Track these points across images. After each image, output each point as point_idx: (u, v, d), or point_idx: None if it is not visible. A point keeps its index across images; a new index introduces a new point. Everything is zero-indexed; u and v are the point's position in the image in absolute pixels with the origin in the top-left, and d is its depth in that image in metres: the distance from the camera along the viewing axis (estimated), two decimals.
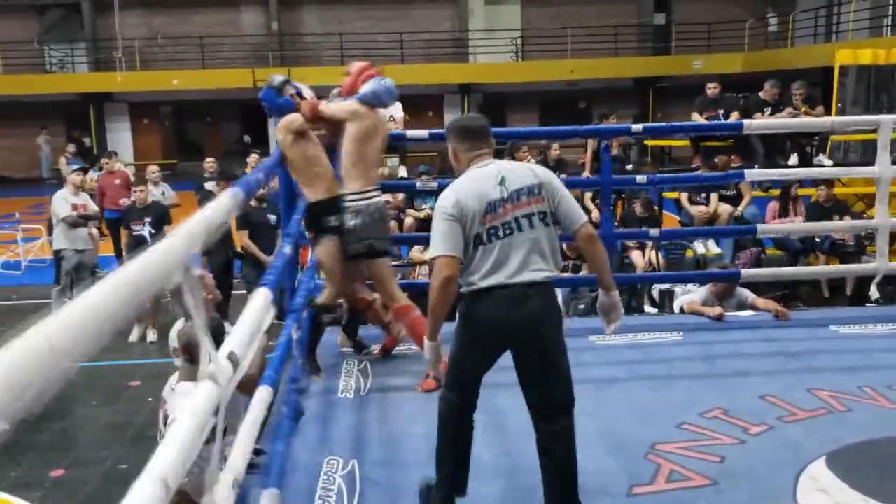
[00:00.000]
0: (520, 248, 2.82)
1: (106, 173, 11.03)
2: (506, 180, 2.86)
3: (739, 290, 5.74)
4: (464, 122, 3.16)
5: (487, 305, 2.82)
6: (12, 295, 10.55)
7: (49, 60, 25.23)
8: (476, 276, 2.82)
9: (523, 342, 2.87)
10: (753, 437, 3.61)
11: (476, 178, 2.90)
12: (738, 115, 9.58)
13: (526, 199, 2.86)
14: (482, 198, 2.83)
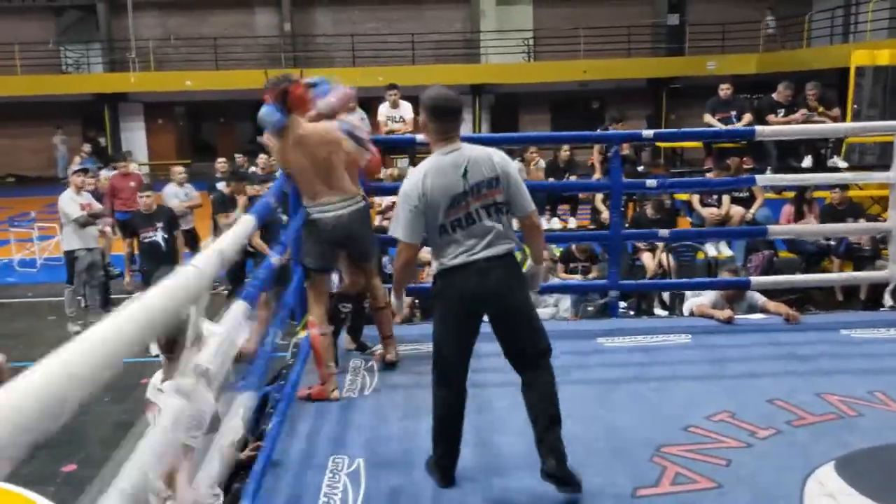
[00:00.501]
0: (480, 233, 3.10)
1: (120, 175, 10.88)
2: (468, 172, 3.09)
3: (750, 293, 5.71)
4: (439, 102, 3.19)
5: (456, 280, 3.11)
6: (28, 292, 10.66)
7: (65, 61, 25.42)
8: (443, 258, 3.12)
9: (493, 308, 3.15)
10: (761, 441, 3.59)
11: (443, 169, 3.11)
12: (750, 116, 9.54)
13: (486, 190, 3.11)
14: (447, 192, 3.07)
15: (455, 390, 3.22)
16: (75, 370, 0.90)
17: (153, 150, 25.62)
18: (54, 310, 9.60)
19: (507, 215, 3.18)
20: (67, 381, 0.87)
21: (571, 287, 7.11)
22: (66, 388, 0.86)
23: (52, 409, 0.82)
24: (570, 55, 23.79)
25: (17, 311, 9.65)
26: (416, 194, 3.09)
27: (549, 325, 4.37)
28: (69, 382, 0.87)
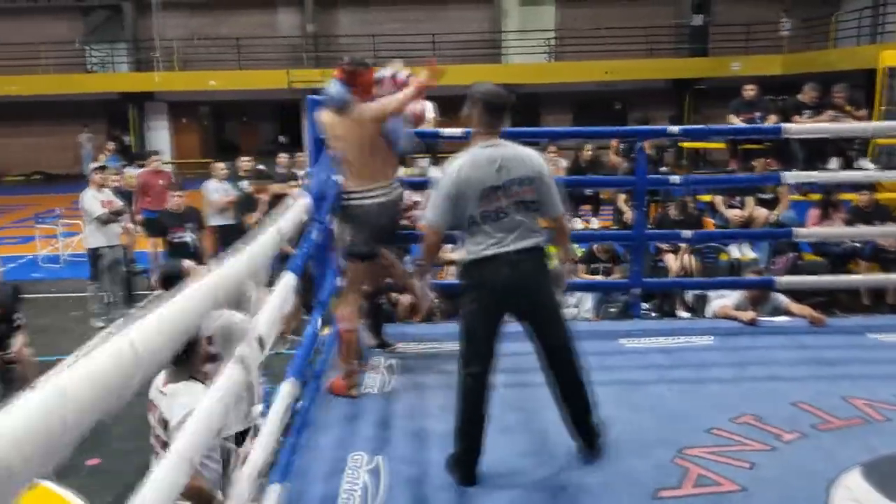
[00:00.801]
0: (510, 227, 3.20)
1: (150, 172, 10.84)
2: (503, 169, 3.18)
3: (774, 294, 5.65)
4: (490, 97, 3.30)
5: (486, 271, 3.20)
6: (52, 288, 10.77)
7: (90, 60, 25.69)
8: (473, 247, 3.21)
9: (522, 300, 3.24)
10: (785, 445, 3.54)
11: (480, 162, 3.20)
12: (775, 117, 9.45)
13: (518, 188, 3.20)
14: (481, 184, 3.17)
15: (481, 383, 3.24)
16: (142, 346, 0.90)
17: (178, 148, 25.84)
18: (78, 305, 9.70)
19: (536, 213, 3.28)
20: (132, 361, 0.88)
21: (594, 286, 7.07)
22: (132, 364, 0.87)
23: (120, 385, 0.83)
24: (593, 55, 23.68)
25: (41, 306, 9.74)
26: (450, 182, 3.20)
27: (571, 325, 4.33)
28: (133, 362, 0.88)
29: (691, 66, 23.81)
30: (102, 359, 0.84)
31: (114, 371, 0.85)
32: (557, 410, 3.37)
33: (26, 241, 13.47)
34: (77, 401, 0.76)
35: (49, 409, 0.73)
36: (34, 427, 0.70)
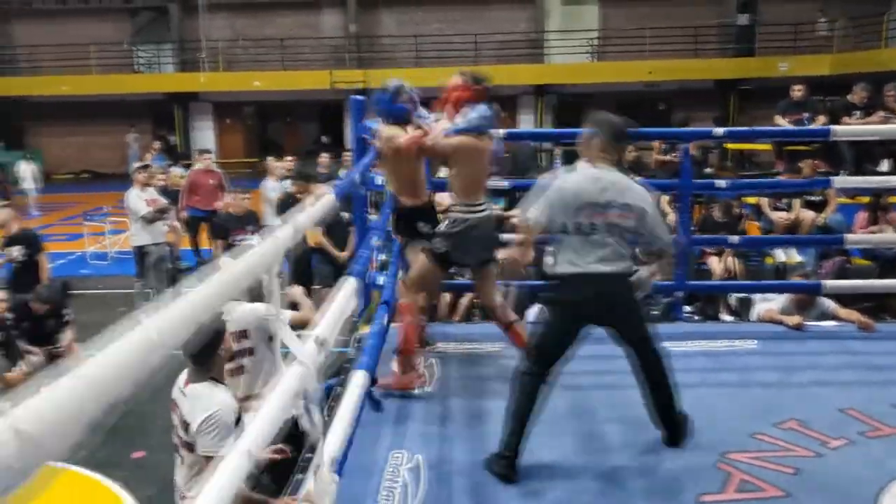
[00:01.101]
0: (597, 244, 3.32)
1: (201, 171, 10.78)
2: (606, 190, 3.33)
3: (821, 299, 5.55)
4: (622, 127, 3.54)
5: (569, 290, 3.37)
6: (99, 284, 10.99)
7: (137, 61, 26.17)
8: (561, 262, 3.37)
9: (604, 317, 3.43)
10: (832, 451, 3.48)
11: (588, 178, 3.39)
12: (824, 118, 9.28)
13: (616, 212, 3.33)
14: (581, 198, 3.33)
15: (541, 384, 3.39)
16: (162, 334, 0.93)
17: (222, 148, 26.18)
18: (125, 301, 9.88)
19: (630, 242, 3.41)
20: (157, 346, 0.91)
21: None
22: (152, 351, 0.90)
23: (139, 371, 0.86)
24: (637, 55, 23.49)
25: (89, 302, 9.94)
26: (556, 188, 3.39)
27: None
28: (157, 347, 0.91)
29: (737, 66, 23.46)
30: (124, 345, 0.87)
31: (134, 357, 0.88)
32: (644, 403, 3.55)
33: (75, 238, 13.76)
34: (97, 384, 0.80)
35: (71, 390, 0.76)
36: (57, 406, 0.73)
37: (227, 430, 3.14)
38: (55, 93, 24.11)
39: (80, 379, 0.77)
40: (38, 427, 0.69)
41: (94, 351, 0.84)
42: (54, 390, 0.75)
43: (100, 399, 0.78)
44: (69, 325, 7.09)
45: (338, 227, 8.05)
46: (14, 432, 0.68)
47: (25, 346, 6.60)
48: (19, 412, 0.69)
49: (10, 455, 0.67)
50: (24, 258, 7.43)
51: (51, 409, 0.71)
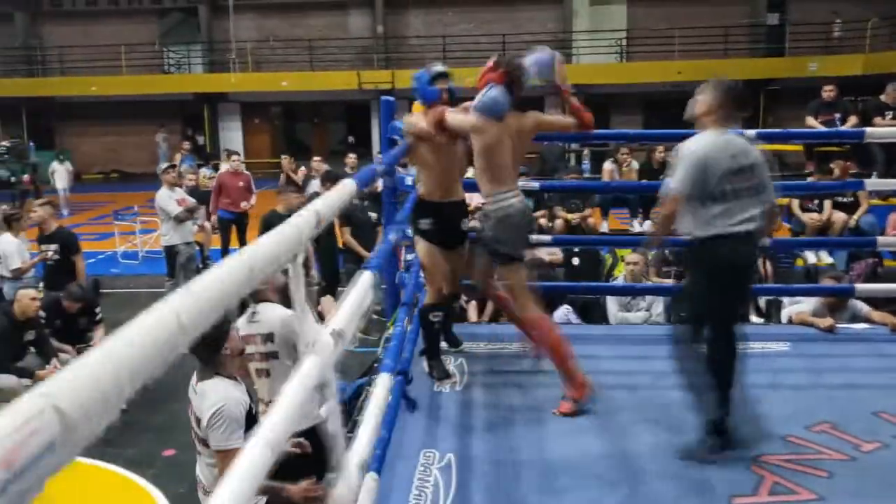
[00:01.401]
0: (740, 207, 3.49)
1: (229, 173, 10.88)
2: (737, 155, 3.50)
3: (853, 301, 5.49)
4: (741, 93, 3.67)
5: (725, 247, 3.49)
6: (130, 283, 11.12)
7: (167, 62, 26.45)
8: (712, 224, 3.48)
9: (749, 277, 3.78)
10: (865, 455, 3.45)
11: (719, 144, 3.51)
12: (856, 119, 9.18)
13: (747, 174, 3.51)
14: (721, 165, 3.46)
15: (734, 341, 3.55)
16: (186, 317, 0.95)
17: (249, 148, 26.39)
18: (155, 300, 9.97)
19: (756, 199, 3.54)
20: (178, 329, 0.93)
21: (667, 290, 6.96)
22: (174, 335, 0.92)
23: (160, 355, 0.88)
24: (665, 56, 23.34)
25: (120, 300, 10.07)
26: (696, 158, 3.48)
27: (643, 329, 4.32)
28: (178, 330, 0.93)
29: (767, 66, 23.23)
30: (152, 326, 0.90)
31: (162, 338, 0.90)
32: None
33: (105, 237, 13.94)
34: (129, 364, 0.81)
35: (105, 370, 0.78)
36: (93, 386, 0.75)
37: (236, 423, 3.18)
38: (85, 93, 24.45)
39: (113, 358, 0.79)
40: (77, 407, 0.69)
41: (124, 329, 0.86)
42: (88, 369, 0.76)
43: (133, 379, 0.80)
44: (101, 324, 7.19)
45: (366, 227, 8.09)
46: (56, 411, 0.68)
47: (58, 345, 6.70)
48: (58, 391, 0.70)
49: (56, 434, 0.68)
50: (59, 257, 7.54)
51: (87, 389, 0.72)
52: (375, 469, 2.50)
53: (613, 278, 7.62)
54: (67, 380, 0.73)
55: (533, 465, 3.38)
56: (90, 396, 0.73)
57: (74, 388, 0.72)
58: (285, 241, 1.49)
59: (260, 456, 1.15)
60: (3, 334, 6.28)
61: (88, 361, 0.76)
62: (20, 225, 8.12)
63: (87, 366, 0.76)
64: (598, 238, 8.06)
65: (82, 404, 0.71)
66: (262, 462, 1.15)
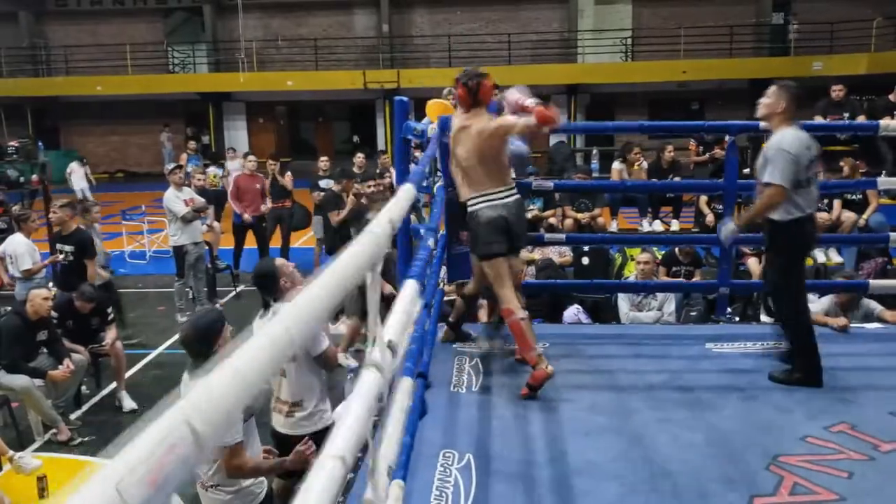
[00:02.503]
0: (812, 193, 4.24)
1: (247, 175, 10.75)
2: (811, 146, 4.16)
3: (866, 301, 5.50)
4: (799, 92, 4.23)
5: (806, 226, 4.24)
6: (138, 283, 11.16)
7: (172, 61, 26.49)
8: (801, 208, 4.16)
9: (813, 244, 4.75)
10: (884, 455, 3.45)
11: (801, 139, 4.15)
12: (864, 118, 9.15)
13: (816, 162, 4.22)
14: (806, 155, 4.12)
15: (807, 307, 4.55)
16: (293, 333, 0.97)
17: (254, 147, 26.37)
18: (163, 300, 10.02)
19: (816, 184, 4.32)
20: (288, 343, 0.95)
21: (680, 287, 6.98)
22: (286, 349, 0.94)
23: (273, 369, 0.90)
24: (670, 55, 23.33)
25: (128, 300, 10.10)
26: (793, 151, 4.08)
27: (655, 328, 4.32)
28: (288, 344, 0.95)
29: (771, 65, 23.17)
30: (264, 341, 0.92)
31: (276, 354, 0.93)
32: None
33: (113, 237, 13.95)
34: (249, 380, 0.83)
35: (228, 386, 0.80)
36: (221, 403, 0.77)
37: (236, 418, 3.21)
38: (90, 93, 24.48)
39: (234, 373, 0.80)
40: (206, 421, 0.72)
41: (241, 344, 0.88)
42: (214, 383, 0.77)
43: (249, 392, 0.82)
44: (112, 324, 7.21)
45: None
46: (189, 427, 0.71)
47: (70, 345, 6.72)
48: (190, 407, 0.72)
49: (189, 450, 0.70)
50: (73, 258, 7.56)
51: (212, 404, 0.74)
52: (401, 476, 2.50)
53: (623, 278, 7.63)
54: (199, 398, 0.76)
55: (551, 465, 3.38)
56: (217, 412, 0.76)
57: (205, 406, 0.75)
58: (367, 251, 1.51)
59: (333, 469, 1.17)
60: (17, 334, 6.31)
61: (216, 380, 0.79)
62: (29, 226, 8.14)
63: (215, 383, 0.78)
64: (608, 236, 8.05)
65: (211, 420, 0.74)
66: (336, 476, 1.17)
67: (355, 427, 1.33)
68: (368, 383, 1.51)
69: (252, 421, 3.55)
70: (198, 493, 3.61)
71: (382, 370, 1.56)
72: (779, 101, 4.18)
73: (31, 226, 8.20)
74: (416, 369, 3.10)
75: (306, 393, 4.13)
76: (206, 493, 3.54)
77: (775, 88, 4.22)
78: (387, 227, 1.75)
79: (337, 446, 1.23)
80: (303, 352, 4.04)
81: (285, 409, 4.16)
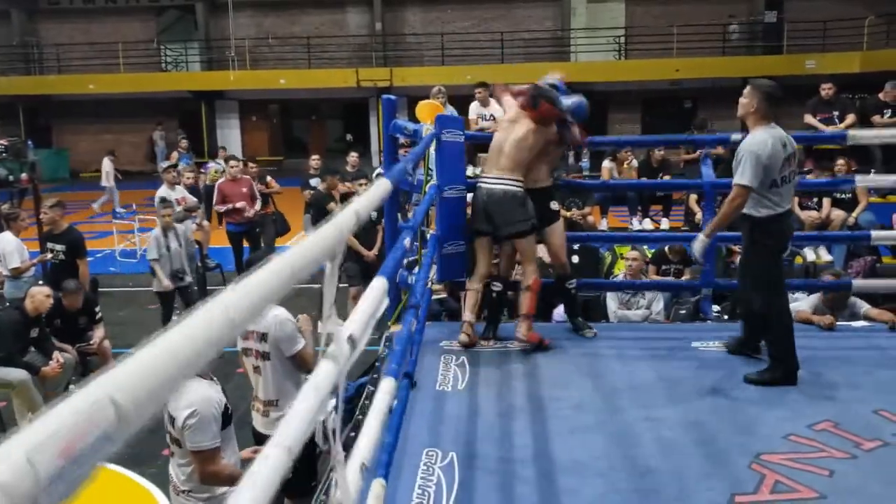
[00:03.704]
0: (787, 191, 4.27)
1: (230, 180, 9.96)
2: (786, 145, 4.19)
3: (853, 299, 5.51)
4: (776, 91, 4.25)
5: (784, 223, 4.30)
6: (129, 282, 11.12)
7: (164, 59, 26.42)
8: (776, 206, 4.20)
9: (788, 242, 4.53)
10: (866, 453, 3.46)
11: (776, 137, 4.16)
12: (854, 116, 9.18)
13: (793, 160, 4.25)
14: (780, 155, 4.15)
15: (787, 303, 4.42)
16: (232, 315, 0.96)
17: (247, 146, 26.36)
18: (154, 299, 9.98)
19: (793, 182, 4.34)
20: (227, 324, 0.94)
21: (666, 286, 6.98)
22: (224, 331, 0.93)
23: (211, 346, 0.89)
24: (663, 53, 23.35)
25: (120, 299, 10.08)
26: (765, 153, 4.10)
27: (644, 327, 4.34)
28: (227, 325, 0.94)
29: (764, 63, 23.21)
30: (200, 321, 0.90)
31: (212, 334, 0.91)
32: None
33: (104, 235, 13.91)
34: (180, 359, 0.82)
35: (158, 364, 0.79)
36: (147, 380, 0.76)
37: (211, 423, 3.21)
38: (82, 91, 24.41)
39: (164, 351, 0.79)
40: (130, 398, 0.70)
41: (178, 322, 0.87)
42: (142, 360, 0.76)
43: (180, 372, 0.81)
44: (100, 323, 7.19)
45: (365, 225, 8.08)
46: (112, 402, 0.69)
47: (58, 344, 6.70)
48: (113, 382, 0.71)
49: (111, 425, 0.68)
50: (64, 257, 7.53)
51: (140, 380, 0.73)
52: (383, 475, 2.50)
53: (613, 276, 7.62)
54: (124, 373, 0.74)
55: (535, 463, 3.38)
56: (143, 389, 0.74)
57: (130, 381, 0.73)
58: (327, 240, 1.50)
59: (276, 459, 1.16)
60: (16, 330, 6.30)
61: (143, 355, 0.78)
62: (18, 224, 8.11)
63: (142, 360, 0.77)
64: (598, 235, 8.06)
65: (136, 397, 0.72)
66: (280, 466, 1.16)
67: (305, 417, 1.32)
68: (323, 375, 1.50)
69: (230, 429, 3.51)
70: None
71: (338, 362, 1.55)
72: (752, 100, 4.22)
73: (21, 224, 8.15)
74: (401, 370, 3.08)
75: (282, 393, 4.09)
76: (177, 498, 3.50)
77: (749, 88, 4.26)
78: (351, 218, 1.74)
79: (283, 436, 1.22)
80: (276, 349, 4.02)
81: (262, 409, 4.16)
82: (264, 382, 4.12)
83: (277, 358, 4.03)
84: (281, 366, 4.05)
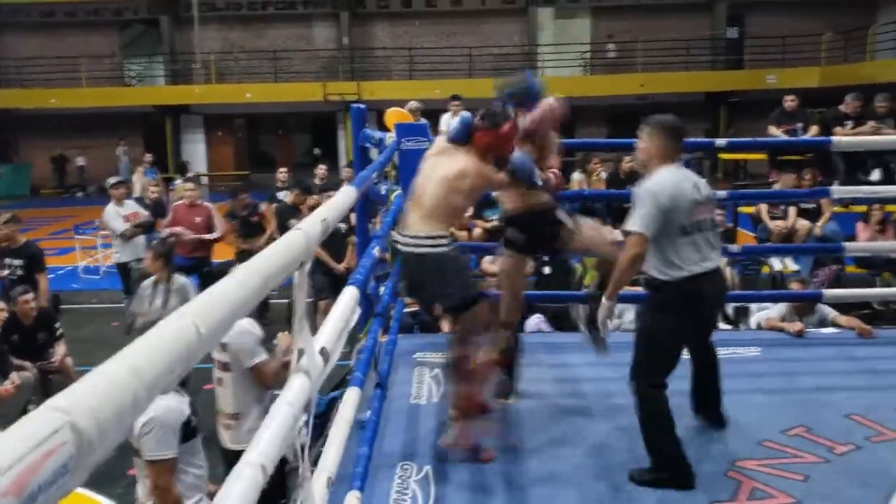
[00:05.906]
0: (705, 241, 3.33)
1: (186, 206, 8.69)
2: (696, 187, 3.33)
3: (821, 306, 5.56)
4: (677, 126, 3.46)
5: (701, 287, 3.30)
6: (92, 299, 10.91)
7: (128, 74, 26.11)
8: (687, 263, 3.27)
9: (712, 313, 3.78)
10: (839, 457, 3.48)
11: (680, 177, 3.33)
12: (817, 128, 9.34)
13: (706, 205, 3.36)
14: (688, 196, 3.27)
15: (666, 395, 3.35)
16: (202, 328, 0.90)
17: (213, 160, 26.13)
18: (117, 316, 9.77)
19: (713, 231, 3.44)
20: (196, 338, 0.88)
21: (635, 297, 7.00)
22: (193, 345, 0.87)
23: (179, 362, 0.83)
24: (628, 69, 23.60)
25: (82, 316, 9.87)
26: (666, 194, 3.23)
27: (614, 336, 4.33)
28: (196, 339, 0.88)
29: (727, 78, 23.62)
30: (166, 335, 0.84)
31: (180, 349, 0.85)
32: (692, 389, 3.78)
33: (66, 252, 13.66)
34: (146, 376, 0.76)
35: (122, 383, 0.72)
36: (111, 400, 0.68)
37: (170, 433, 3.12)
38: (44, 106, 24.00)
39: (128, 369, 0.73)
40: (92, 421, 0.62)
41: (140, 339, 0.81)
42: (105, 378, 0.69)
43: (146, 390, 0.74)
44: (61, 340, 7.00)
45: (334, 237, 8.00)
46: (71, 427, 0.61)
47: (17, 361, 6.50)
48: (72, 403, 0.63)
49: (70, 453, 0.60)
50: (22, 272, 7.35)
51: (100, 402, 0.65)
52: (358, 487, 2.44)
53: (584, 287, 7.63)
54: (84, 393, 0.66)
55: (509, 476, 3.34)
56: (107, 411, 0.65)
57: (92, 403, 0.65)
58: (294, 248, 1.45)
59: (251, 477, 1.10)
60: None
61: (104, 372, 0.69)
62: None
63: (104, 377, 0.69)
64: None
65: (99, 421, 0.63)
66: (255, 483, 1.10)
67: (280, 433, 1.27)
68: (296, 389, 1.45)
69: (196, 442, 3.40)
70: None
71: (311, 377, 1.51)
72: (652, 142, 3.39)
73: None
74: (366, 380, 3.03)
75: (243, 406, 3.96)
76: None
77: (648, 129, 3.41)
78: (318, 227, 1.70)
79: (257, 453, 1.17)
80: (236, 360, 3.92)
81: (224, 421, 4.05)
82: (224, 394, 4.00)
83: (238, 369, 3.92)
84: (241, 377, 3.94)
